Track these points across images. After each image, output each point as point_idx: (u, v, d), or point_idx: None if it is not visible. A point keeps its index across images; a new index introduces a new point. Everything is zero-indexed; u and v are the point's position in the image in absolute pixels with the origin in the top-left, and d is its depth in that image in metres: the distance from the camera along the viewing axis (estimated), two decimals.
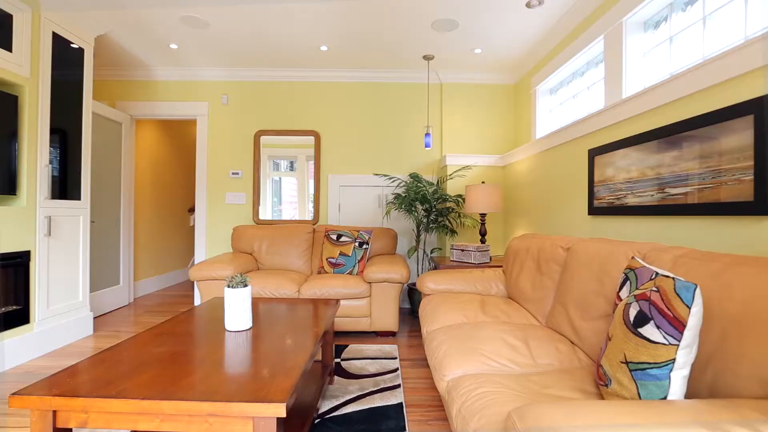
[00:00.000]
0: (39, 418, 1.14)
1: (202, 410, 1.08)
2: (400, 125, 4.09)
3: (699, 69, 1.59)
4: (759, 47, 1.35)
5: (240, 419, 1.12)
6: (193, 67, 3.99)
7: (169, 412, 1.10)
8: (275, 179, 4.20)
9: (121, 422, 1.14)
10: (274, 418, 1.10)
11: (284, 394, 1.12)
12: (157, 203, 4.91)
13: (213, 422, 1.12)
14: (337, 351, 2.78)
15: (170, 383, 1.19)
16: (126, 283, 4.09)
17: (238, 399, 1.09)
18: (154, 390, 1.15)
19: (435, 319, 2.14)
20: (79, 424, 1.15)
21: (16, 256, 2.50)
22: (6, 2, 2.38)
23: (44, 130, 2.66)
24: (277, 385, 1.18)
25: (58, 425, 1.15)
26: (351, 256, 3.43)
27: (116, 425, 1.14)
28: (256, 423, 1.11)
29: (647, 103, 1.89)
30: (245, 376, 1.25)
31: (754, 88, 1.38)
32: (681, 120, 1.69)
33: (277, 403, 1.08)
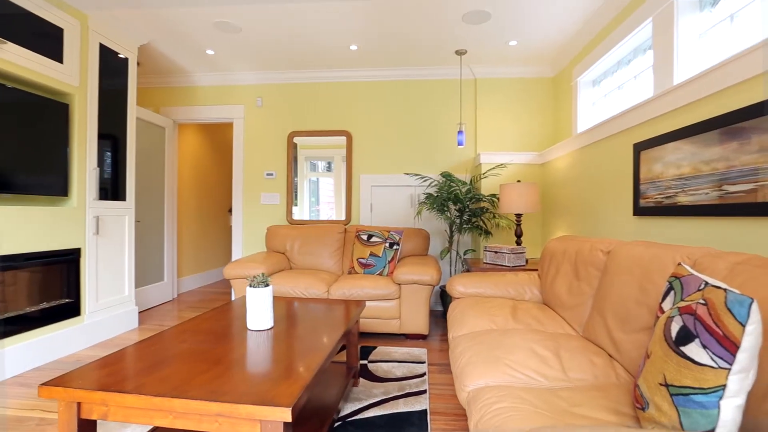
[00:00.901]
0: (65, 409, 1.20)
1: (210, 410, 1.08)
2: (433, 123, 4.00)
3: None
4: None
5: (248, 421, 1.11)
6: (229, 71, 4.13)
7: (180, 410, 1.11)
8: (313, 180, 4.25)
9: (137, 417, 1.16)
10: (280, 422, 1.07)
11: (291, 398, 1.10)
12: (199, 203, 5.14)
13: (222, 422, 1.12)
14: (365, 352, 2.75)
15: (184, 381, 1.21)
16: (170, 279, 4.30)
17: (245, 401, 1.08)
18: (168, 387, 1.16)
19: (462, 324, 2.05)
20: (100, 416, 1.19)
21: (68, 253, 2.69)
22: (57, 17, 2.57)
23: (92, 136, 2.85)
24: (286, 388, 1.16)
25: (82, 416, 1.20)
26: (381, 257, 3.39)
27: (133, 419, 1.16)
28: (263, 426, 1.09)
29: (705, 88, 1.68)
30: (257, 378, 1.24)
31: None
32: (749, 105, 1.48)
33: (283, 408, 1.05)
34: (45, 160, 2.54)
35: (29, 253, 2.44)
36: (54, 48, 2.56)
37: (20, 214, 2.38)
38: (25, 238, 2.41)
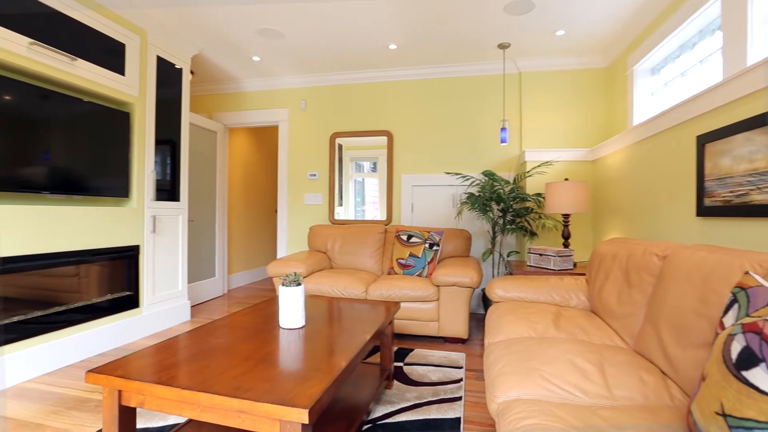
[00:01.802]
0: (108, 395, 1.28)
1: (232, 406, 1.10)
2: (474, 121, 3.87)
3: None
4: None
5: (268, 419, 1.12)
6: (274, 76, 4.28)
7: (206, 404, 1.14)
8: (358, 180, 4.29)
9: (169, 407, 1.22)
10: (299, 424, 1.07)
11: (309, 400, 1.09)
12: (248, 204, 5.39)
13: (244, 418, 1.14)
14: (402, 355, 2.72)
15: (213, 375, 1.25)
16: (221, 275, 4.55)
17: (265, 399, 1.09)
18: (197, 381, 1.21)
19: (498, 330, 1.95)
20: (138, 404, 1.26)
21: (128, 249, 2.93)
22: (120, 34, 2.80)
23: (150, 141, 3.08)
24: (306, 389, 1.16)
25: (122, 403, 1.28)
26: (421, 258, 3.34)
27: (166, 410, 1.22)
28: (282, 425, 1.09)
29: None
30: (280, 376, 1.25)
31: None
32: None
33: (300, 409, 1.05)
34: (110, 164, 2.78)
35: (97, 249, 2.69)
36: (117, 62, 2.79)
37: (90, 214, 2.63)
38: (93, 235, 2.65)
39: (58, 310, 2.47)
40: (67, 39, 2.45)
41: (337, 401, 1.85)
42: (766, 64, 1.54)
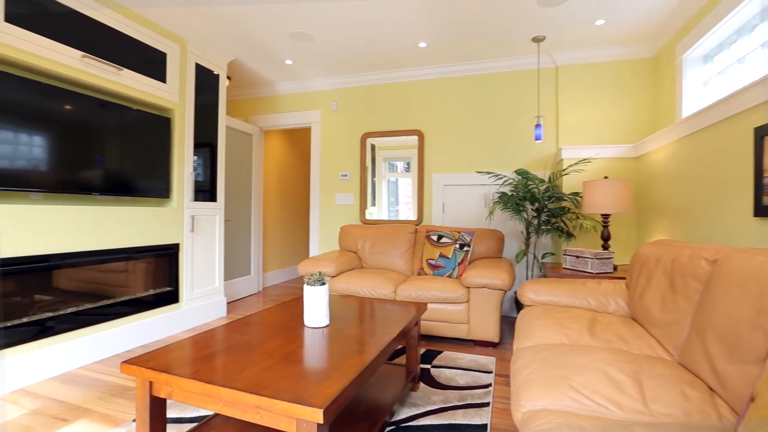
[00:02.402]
0: (141, 385, 1.35)
1: (250, 402, 1.12)
2: (507, 118, 3.75)
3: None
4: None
5: (284, 416, 1.13)
6: (306, 79, 4.37)
7: (227, 399, 1.17)
8: (392, 180, 4.28)
9: (194, 400, 1.26)
10: (315, 423, 1.07)
11: (325, 400, 1.09)
12: (283, 203, 5.53)
13: (263, 414, 1.16)
14: (429, 357, 2.67)
15: (236, 371, 1.28)
16: (256, 273, 4.70)
17: (282, 397, 1.10)
18: (220, 375, 1.24)
19: (528, 335, 1.87)
20: (167, 395, 1.32)
21: (169, 247, 3.09)
22: (161, 44, 2.96)
23: (189, 145, 3.23)
24: (323, 389, 1.16)
25: (153, 393, 1.34)
26: (451, 258, 3.28)
27: (192, 402, 1.27)
28: (299, 424, 1.10)
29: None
30: (299, 374, 1.26)
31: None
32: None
33: (315, 408, 1.05)
34: (153, 167, 2.94)
35: (141, 246, 2.85)
36: (159, 70, 2.95)
37: (135, 214, 2.80)
38: (138, 234, 2.82)
39: (107, 302, 2.65)
40: (114, 50, 2.62)
41: (360, 401, 1.84)
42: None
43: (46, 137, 2.29)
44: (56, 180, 2.34)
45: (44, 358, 2.27)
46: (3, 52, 2.07)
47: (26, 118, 2.19)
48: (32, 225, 2.22)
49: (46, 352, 2.28)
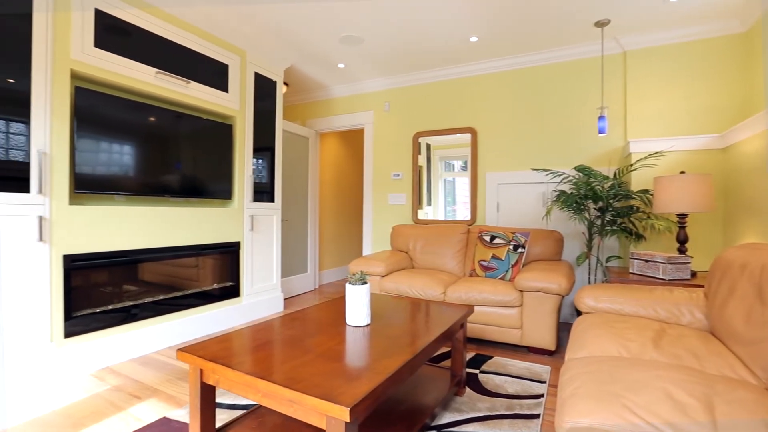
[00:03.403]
0: (193, 372, 1.46)
1: (284, 395, 1.17)
2: (566, 111, 3.50)
3: None
4: None
5: (315, 412, 1.16)
6: (358, 81, 4.45)
7: (264, 390, 1.23)
8: (448, 180, 4.22)
9: (237, 389, 1.34)
10: (342, 421, 1.08)
11: (353, 398, 1.09)
12: (338, 204, 5.69)
13: (296, 408, 1.19)
14: (479, 362, 2.58)
15: (274, 364, 1.33)
16: (312, 271, 4.89)
17: (312, 393, 1.13)
18: (260, 367, 1.30)
19: (581, 344, 1.72)
20: (214, 383, 1.42)
21: (231, 245, 3.32)
22: (224, 56, 3.19)
23: (249, 149, 3.45)
24: (354, 388, 1.16)
25: (203, 380, 1.45)
26: (504, 260, 3.15)
27: (235, 390, 1.35)
28: (328, 420, 1.12)
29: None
30: (333, 371, 1.28)
31: None
32: None
33: (342, 407, 1.06)
34: (217, 171, 3.19)
35: (206, 244, 3.11)
36: (221, 81, 3.19)
37: (203, 214, 3.05)
38: (204, 232, 3.08)
39: (177, 294, 2.92)
40: (183, 65, 2.88)
41: (400, 401, 1.83)
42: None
43: (132, 147, 2.58)
44: (139, 184, 2.63)
45: (127, 341, 2.56)
46: (93, 74, 2.37)
47: (117, 131, 2.48)
48: (117, 224, 2.51)
49: (128, 336, 2.57)
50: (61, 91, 2.22)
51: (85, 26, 2.32)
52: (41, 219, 2.13)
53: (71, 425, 1.79)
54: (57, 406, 1.95)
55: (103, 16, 2.40)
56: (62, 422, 1.81)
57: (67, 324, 2.28)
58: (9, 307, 2.04)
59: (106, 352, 2.45)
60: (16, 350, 2.06)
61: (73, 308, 2.32)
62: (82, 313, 2.36)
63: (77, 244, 2.31)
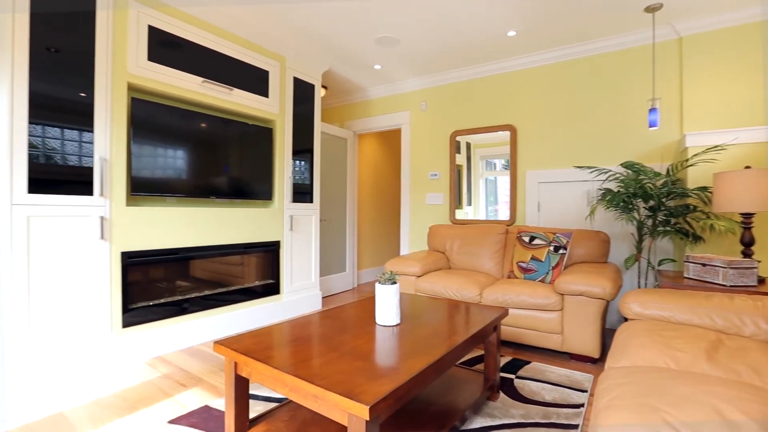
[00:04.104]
0: (228, 364, 1.54)
1: (308, 391, 1.20)
2: (611, 105, 3.29)
3: None
4: None
5: (337, 408, 1.18)
6: (395, 81, 4.46)
7: (290, 384, 1.27)
8: (490, 179, 4.13)
9: (267, 382, 1.39)
10: (363, 419, 1.10)
11: (374, 397, 1.10)
12: (376, 204, 5.74)
13: (320, 404, 1.22)
14: (515, 366, 2.50)
15: (303, 360, 1.38)
16: (351, 270, 4.97)
17: (334, 389, 1.15)
18: (288, 362, 1.35)
19: (624, 353, 1.62)
20: (247, 375, 1.48)
21: (272, 244, 3.46)
22: (264, 63, 3.33)
23: (288, 151, 3.57)
24: (376, 386, 1.17)
25: (237, 372, 1.53)
26: (544, 262, 3.02)
27: (265, 384, 1.40)
28: (350, 418, 1.13)
29: None
30: (358, 369, 1.30)
31: None
32: None
33: (362, 404, 1.07)
34: (259, 173, 3.33)
35: (249, 243, 3.26)
36: (262, 86, 3.33)
37: (246, 215, 3.21)
38: (247, 231, 3.23)
39: (223, 290, 3.09)
40: (226, 73, 3.04)
41: (430, 402, 1.82)
42: None
43: (181, 151, 2.77)
44: (187, 186, 2.81)
45: (177, 333, 2.75)
46: (147, 85, 2.57)
47: (167, 137, 2.68)
48: (168, 223, 2.70)
49: (178, 328, 2.76)
50: (119, 102, 2.43)
51: (140, 42, 2.52)
52: (102, 219, 2.35)
53: (127, 407, 1.95)
54: (115, 390, 2.14)
55: (156, 31, 2.60)
56: (119, 404, 1.98)
57: (125, 315, 2.49)
58: (75, 299, 2.26)
59: (158, 342, 2.64)
60: (80, 338, 2.28)
61: (130, 301, 2.53)
62: (138, 306, 2.57)
63: (133, 242, 2.52)
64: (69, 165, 2.22)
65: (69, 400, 2.02)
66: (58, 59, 2.18)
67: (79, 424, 1.80)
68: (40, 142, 2.12)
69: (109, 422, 1.82)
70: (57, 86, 2.17)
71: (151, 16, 2.56)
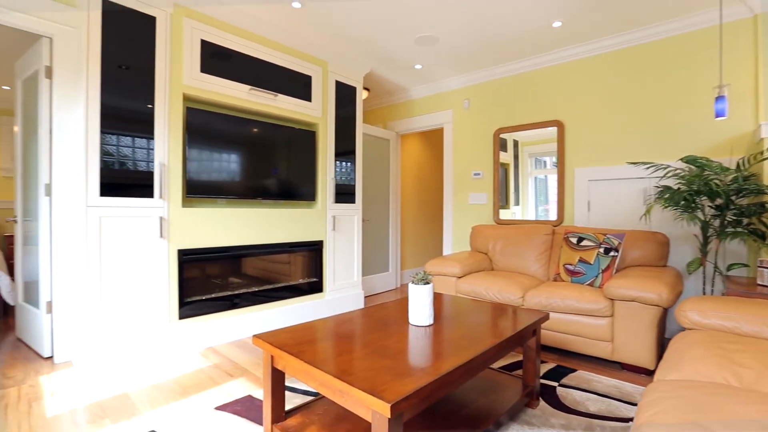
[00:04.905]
0: (265, 357, 1.63)
1: (335, 385, 1.24)
2: (668, 95, 3.01)
3: None
4: None
5: (362, 404, 1.20)
6: (436, 81, 4.42)
7: (319, 379, 1.32)
8: (540, 177, 3.98)
9: (300, 375, 1.45)
10: (385, 416, 1.11)
11: (396, 395, 1.12)
12: (420, 204, 5.72)
13: (346, 399, 1.26)
14: (559, 374, 2.39)
15: (332, 356, 1.42)
16: (394, 270, 5.00)
17: (358, 386, 1.18)
18: (318, 358, 1.40)
19: (677, 364, 1.49)
20: (282, 368, 1.56)
21: (315, 243, 3.58)
22: (307, 68, 3.45)
23: (331, 153, 3.67)
24: (400, 385, 1.18)
25: (273, 365, 1.61)
26: (593, 265, 2.85)
27: (297, 377, 1.46)
28: (373, 414, 1.15)
29: None
30: (384, 368, 1.31)
31: None
32: None
33: (384, 402, 1.09)
34: (303, 175, 3.47)
35: (294, 242, 3.40)
36: (305, 91, 3.45)
37: (290, 215, 3.36)
38: (292, 231, 3.38)
39: (269, 287, 3.26)
40: (271, 80, 3.20)
41: (463, 405, 1.79)
42: None
43: (231, 156, 2.96)
44: (237, 188, 3.00)
45: (227, 326, 2.94)
46: (200, 95, 2.78)
47: (218, 143, 2.88)
48: (219, 223, 2.90)
49: (229, 322, 2.94)
50: (176, 111, 2.65)
51: (194, 55, 2.72)
52: (161, 219, 2.57)
53: (180, 392, 2.12)
54: (171, 376, 2.33)
55: (207, 45, 2.79)
56: (174, 389, 2.16)
57: (181, 309, 2.70)
58: (138, 291, 2.50)
59: (210, 334, 2.84)
60: (142, 327, 2.52)
61: (186, 295, 2.75)
62: (193, 300, 2.78)
63: (188, 241, 2.73)
64: (133, 170, 2.46)
65: (133, 382, 2.23)
66: (125, 75, 2.42)
67: (140, 405, 1.99)
68: (112, 150, 2.37)
69: (165, 405, 1.99)
70: (123, 99, 2.41)
71: (203, 30, 2.76)
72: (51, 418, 1.86)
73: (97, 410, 1.93)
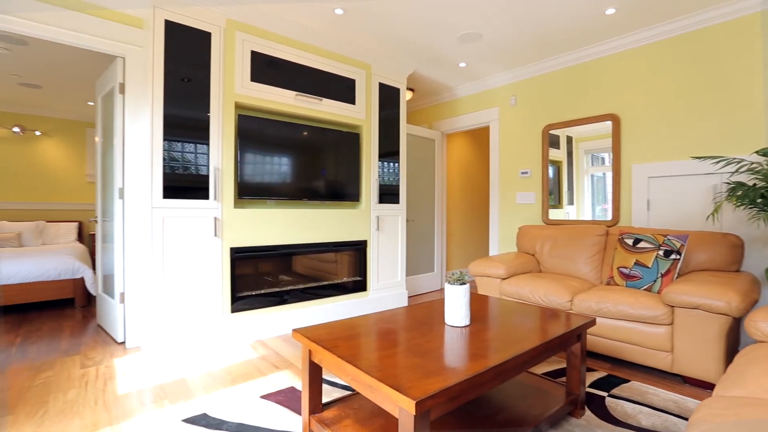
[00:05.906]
0: (304, 351, 1.71)
1: (365, 381, 1.27)
2: (737, 81, 2.70)
3: None
4: None
5: (390, 400, 1.23)
6: (482, 78, 4.32)
7: (351, 373, 1.36)
8: (597, 175, 3.78)
9: (333, 370, 1.50)
10: (411, 413, 1.13)
11: (422, 393, 1.13)
12: (465, 204, 5.62)
13: (376, 395, 1.29)
14: (609, 384, 2.25)
15: (364, 352, 1.46)
16: (438, 270, 4.96)
17: (387, 382, 1.20)
18: (351, 353, 1.45)
19: (741, 380, 1.35)
20: (318, 362, 1.63)
21: (359, 243, 3.66)
22: (351, 72, 3.54)
23: (374, 154, 3.74)
24: (428, 384, 1.19)
25: (311, 359, 1.68)
26: (651, 268, 2.65)
27: (332, 371, 1.52)
28: (400, 411, 1.18)
29: None
30: (415, 366, 1.33)
31: None
32: None
33: (409, 399, 1.10)
34: (348, 176, 3.57)
35: (339, 242, 3.51)
36: (349, 94, 3.55)
37: (335, 215, 3.47)
38: (337, 231, 3.49)
39: (315, 285, 3.39)
40: (316, 85, 3.32)
41: (500, 409, 1.75)
42: None
43: (279, 159, 3.12)
44: (284, 190, 3.16)
45: (275, 320, 3.10)
46: (250, 102, 2.97)
47: (267, 147, 3.05)
48: (268, 223, 3.07)
49: (277, 317, 3.11)
50: (228, 118, 2.85)
51: (244, 65, 2.91)
52: (215, 219, 2.78)
53: (230, 380, 2.28)
54: (223, 365, 2.51)
55: (256, 55, 2.97)
56: (225, 377, 2.33)
57: (233, 303, 2.90)
58: (195, 286, 2.72)
59: (260, 327, 3.02)
60: (198, 318, 2.74)
61: (237, 290, 2.94)
62: (244, 295, 2.97)
63: (239, 240, 2.92)
64: (191, 174, 2.68)
65: (190, 368, 2.44)
66: (184, 87, 2.65)
67: (195, 389, 2.17)
68: (173, 155, 2.61)
69: (216, 390, 2.15)
70: (183, 109, 2.64)
71: (252, 42, 2.94)
72: (121, 395, 2.09)
73: (159, 391, 2.14)
